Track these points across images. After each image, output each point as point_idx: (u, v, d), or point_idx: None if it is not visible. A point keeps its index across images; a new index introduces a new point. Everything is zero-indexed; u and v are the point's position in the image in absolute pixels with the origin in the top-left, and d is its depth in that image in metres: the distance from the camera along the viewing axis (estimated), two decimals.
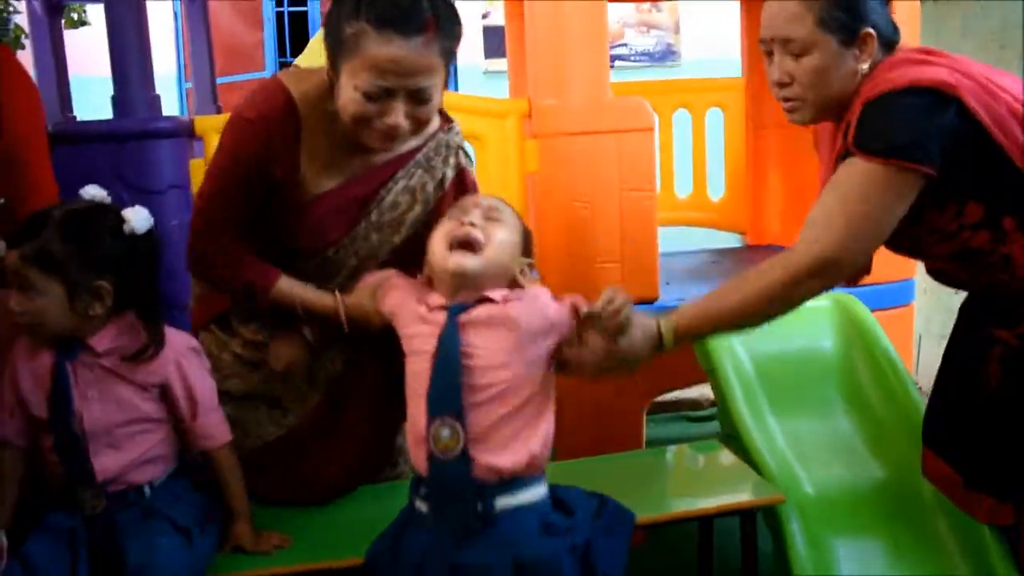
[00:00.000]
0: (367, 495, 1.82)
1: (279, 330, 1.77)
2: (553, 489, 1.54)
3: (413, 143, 1.72)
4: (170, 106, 5.29)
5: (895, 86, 1.50)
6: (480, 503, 1.44)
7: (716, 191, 3.62)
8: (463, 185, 1.80)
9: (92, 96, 3.81)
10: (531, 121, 2.50)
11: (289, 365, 1.75)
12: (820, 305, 2.30)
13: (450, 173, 1.78)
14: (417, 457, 1.51)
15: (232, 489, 1.64)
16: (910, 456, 1.86)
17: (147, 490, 1.58)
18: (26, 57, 3.23)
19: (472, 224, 1.51)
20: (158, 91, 2.74)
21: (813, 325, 2.24)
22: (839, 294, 2.33)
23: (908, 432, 1.93)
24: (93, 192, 1.61)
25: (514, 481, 1.47)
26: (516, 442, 1.47)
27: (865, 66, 1.58)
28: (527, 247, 1.60)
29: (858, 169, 1.51)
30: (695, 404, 3.66)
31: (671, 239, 2.99)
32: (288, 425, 1.80)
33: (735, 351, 2.15)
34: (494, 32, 3.65)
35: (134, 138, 2.50)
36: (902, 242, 1.64)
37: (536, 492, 1.50)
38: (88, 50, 4.36)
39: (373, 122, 1.57)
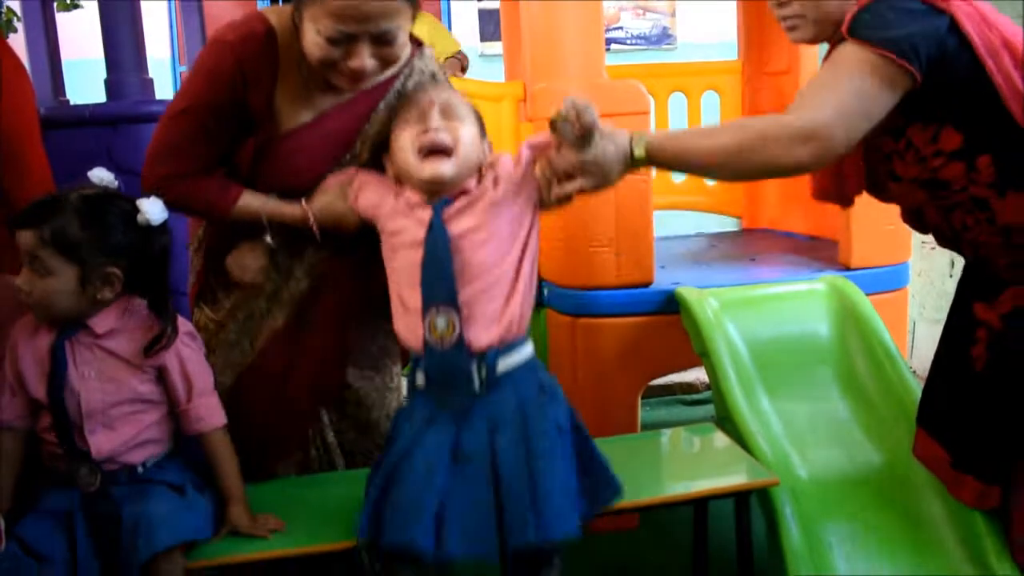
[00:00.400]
0: (358, 479, 1.82)
1: (225, 320, 1.78)
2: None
3: (389, 73, 1.73)
4: (164, 90, 5.26)
5: None
6: (482, 370, 1.56)
7: None
8: None
9: (85, 80, 3.79)
10: (526, 104, 2.50)
11: (254, 275, 1.76)
12: (815, 289, 2.30)
13: None
14: (410, 340, 1.61)
15: (226, 471, 1.64)
16: (904, 440, 1.87)
17: (140, 469, 1.59)
18: (18, 40, 3.20)
19: (436, 129, 1.57)
20: (152, 75, 2.73)
21: (808, 309, 2.24)
22: (835, 278, 2.33)
23: (902, 416, 1.94)
24: (101, 175, 1.62)
25: (508, 345, 1.58)
26: (505, 310, 1.58)
27: None
28: (483, 129, 1.68)
29: (849, 51, 1.51)
30: (690, 387, 3.67)
31: (666, 223, 2.98)
32: (256, 350, 1.81)
33: (729, 334, 2.15)
34: (489, 15, 3.63)
35: (127, 121, 2.50)
36: (878, 159, 1.64)
37: (526, 351, 1.63)
38: (81, 33, 4.33)
39: (339, 65, 1.58)
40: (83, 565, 1.49)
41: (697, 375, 3.60)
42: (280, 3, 1.81)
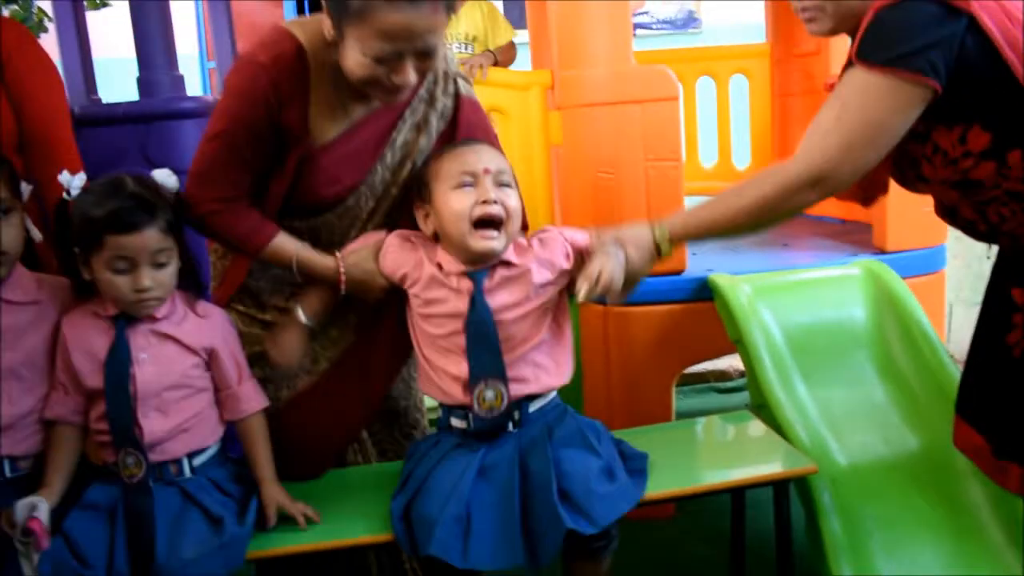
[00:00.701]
0: (391, 474, 1.83)
1: (277, 319, 1.78)
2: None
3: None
4: (193, 86, 5.29)
5: None
6: (515, 414, 1.64)
7: (741, 160, 3.58)
8: (464, 114, 1.79)
9: (116, 78, 3.82)
10: (554, 93, 2.48)
11: (290, 357, 1.73)
12: (850, 274, 2.27)
13: (450, 104, 1.78)
14: (445, 400, 1.67)
15: (262, 456, 1.67)
16: (943, 425, 1.84)
17: (186, 466, 1.60)
18: (50, 40, 3.24)
19: (493, 202, 1.58)
20: (180, 71, 2.75)
21: (843, 293, 2.22)
22: (870, 261, 2.30)
23: (940, 401, 1.91)
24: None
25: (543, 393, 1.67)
26: (546, 366, 1.66)
27: None
28: (516, 182, 1.69)
29: (857, 79, 1.47)
30: (723, 375, 3.65)
31: None
32: (319, 371, 1.81)
33: (764, 321, 2.14)
34: (515, 4, 3.61)
35: (159, 119, 2.52)
36: (905, 163, 1.61)
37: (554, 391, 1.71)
38: (110, 32, 4.36)
39: (381, 80, 1.57)
40: (118, 571, 1.50)
41: (730, 362, 3.57)
42: (307, 14, 1.78)
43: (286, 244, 1.70)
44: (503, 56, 3.51)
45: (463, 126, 1.78)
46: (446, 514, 1.52)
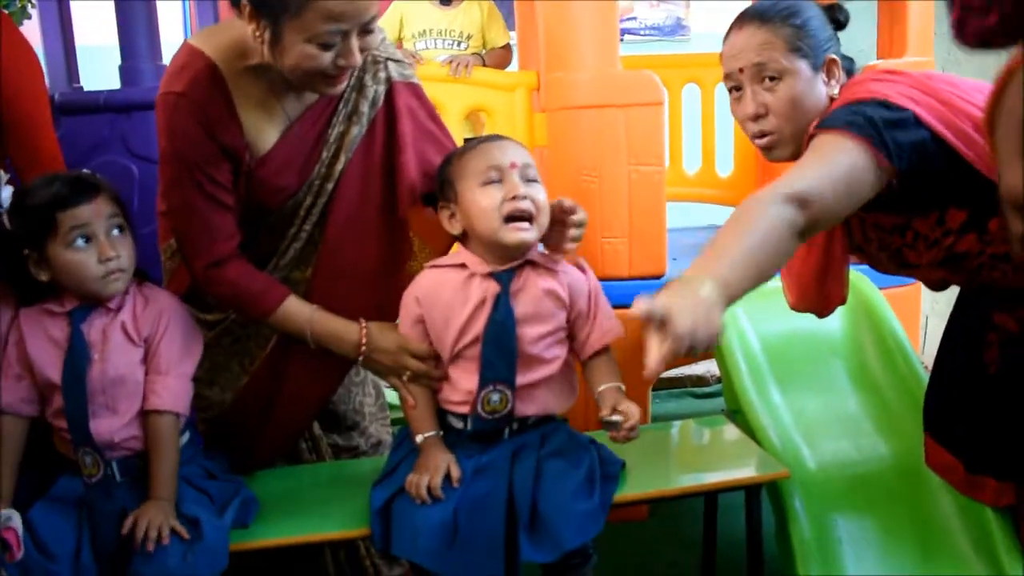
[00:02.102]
0: (368, 468, 1.83)
1: (219, 319, 1.76)
2: None
3: None
4: None
5: (858, 98, 1.46)
6: (515, 425, 1.63)
7: (725, 167, 3.60)
8: (400, 98, 1.73)
9: (99, 66, 3.80)
10: (540, 94, 2.49)
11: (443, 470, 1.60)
12: None
13: (381, 89, 1.71)
14: (450, 404, 1.64)
15: (161, 464, 1.55)
16: (915, 435, 1.86)
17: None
18: (33, 27, 3.21)
19: (524, 197, 1.56)
20: (165, 61, 2.73)
21: None
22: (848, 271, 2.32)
23: (913, 411, 1.93)
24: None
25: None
26: (553, 394, 1.65)
27: (835, 91, 1.56)
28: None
29: (821, 138, 1.43)
30: (700, 380, 3.67)
31: (679, 215, 2.98)
32: (252, 371, 1.78)
33: (741, 327, 2.15)
34: (503, 5, 3.61)
35: (141, 108, 2.50)
36: (886, 257, 1.63)
37: None
38: (94, 19, 4.33)
39: (328, 69, 1.51)
40: (84, 565, 1.48)
41: (707, 368, 3.59)
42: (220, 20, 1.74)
43: (299, 310, 1.66)
44: (497, 59, 3.47)
45: (401, 111, 1.71)
46: (432, 520, 1.50)
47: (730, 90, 1.62)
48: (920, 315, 2.77)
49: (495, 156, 1.59)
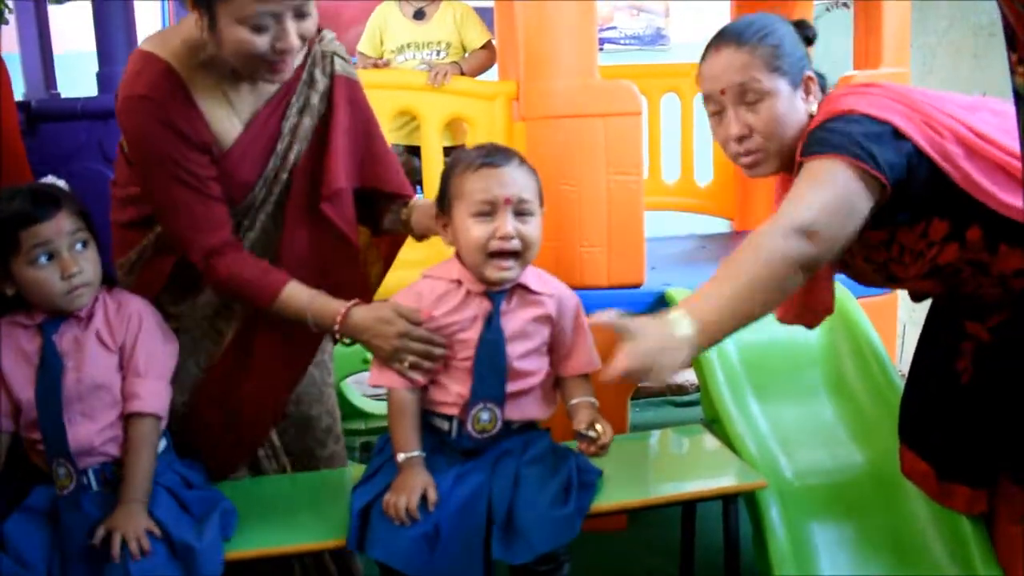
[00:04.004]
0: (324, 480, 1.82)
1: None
2: None
3: (296, 62, 1.70)
4: None
5: (838, 112, 1.48)
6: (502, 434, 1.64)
7: (704, 177, 3.62)
8: (339, 91, 1.77)
9: (76, 72, 3.77)
10: (519, 103, 2.49)
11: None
12: None
13: (328, 83, 1.76)
14: (439, 406, 1.65)
15: (137, 468, 1.53)
16: (891, 445, 1.87)
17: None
18: (10, 32, 3.19)
19: (510, 236, 1.57)
20: None
21: None
22: None
23: (889, 420, 1.94)
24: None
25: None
26: (537, 401, 1.68)
27: (814, 108, 1.57)
28: (542, 197, 1.67)
29: (813, 165, 1.45)
30: (680, 389, 3.67)
31: (658, 224, 2.99)
32: (206, 368, 1.78)
33: None
34: (483, 13, 3.61)
35: None
36: (871, 271, 1.65)
37: None
38: (72, 26, 4.31)
39: (267, 54, 1.55)
40: None
41: (687, 376, 3.60)
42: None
43: (299, 294, 1.66)
44: (479, 60, 3.45)
45: (339, 104, 1.75)
46: (414, 530, 1.49)
47: (710, 112, 1.63)
48: (897, 324, 2.79)
49: (491, 189, 1.58)
